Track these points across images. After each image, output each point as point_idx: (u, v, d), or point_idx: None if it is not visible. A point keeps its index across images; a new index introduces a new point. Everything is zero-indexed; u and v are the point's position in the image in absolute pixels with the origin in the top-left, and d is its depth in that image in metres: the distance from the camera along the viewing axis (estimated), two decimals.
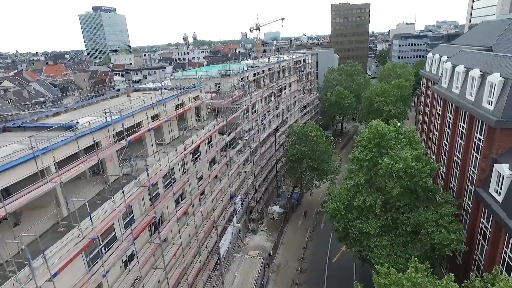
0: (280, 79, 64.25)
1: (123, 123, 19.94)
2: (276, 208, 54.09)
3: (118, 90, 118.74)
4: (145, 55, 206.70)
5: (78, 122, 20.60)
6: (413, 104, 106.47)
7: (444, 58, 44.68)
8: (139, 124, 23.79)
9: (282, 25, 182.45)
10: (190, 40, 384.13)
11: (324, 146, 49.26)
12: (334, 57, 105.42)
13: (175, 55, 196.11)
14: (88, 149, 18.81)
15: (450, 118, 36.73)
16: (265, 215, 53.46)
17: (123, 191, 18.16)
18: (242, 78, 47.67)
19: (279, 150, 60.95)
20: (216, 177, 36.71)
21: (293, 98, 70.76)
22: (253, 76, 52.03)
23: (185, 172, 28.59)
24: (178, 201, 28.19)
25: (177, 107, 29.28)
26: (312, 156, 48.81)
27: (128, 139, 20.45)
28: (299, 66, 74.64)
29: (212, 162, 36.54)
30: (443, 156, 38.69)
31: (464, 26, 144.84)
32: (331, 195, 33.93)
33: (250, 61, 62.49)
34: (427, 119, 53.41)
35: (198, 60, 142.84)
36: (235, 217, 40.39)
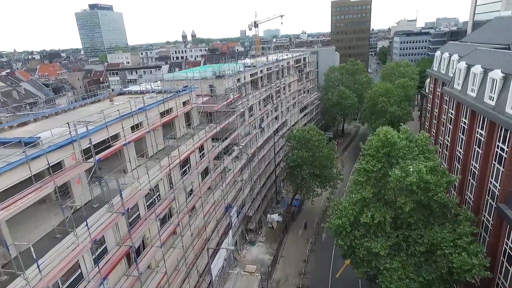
0: (279, 79, 61.04)
1: (90, 139, 16.76)
2: (276, 217, 51.01)
3: (112, 90, 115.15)
4: (142, 54, 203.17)
5: (39, 137, 17.45)
6: (415, 103, 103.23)
7: (455, 57, 41.46)
8: (116, 137, 20.64)
9: (281, 22, 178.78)
10: (189, 38, 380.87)
11: (326, 152, 46.08)
12: (335, 55, 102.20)
13: (172, 53, 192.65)
14: (53, 168, 15.65)
15: (465, 123, 33.56)
16: (263, 224, 50.38)
17: (87, 224, 15.01)
18: (238, 79, 44.51)
19: (278, 154, 57.88)
20: (209, 188, 33.62)
21: (293, 99, 67.58)
22: (250, 77, 48.83)
23: (171, 187, 25.45)
24: (164, 220, 25.10)
25: (163, 114, 26.12)
26: (313, 163, 45.65)
27: (98, 157, 17.28)
28: (299, 65, 71.39)
29: (205, 173, 33.42)
30: (457, 165, 35.56)
31: (468, 23, 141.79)
32: (335, 208, 30.82)
33: (248, 61, 59.31)
34: (435, 121, 50.28)
35: (195, 59, 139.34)
36: (230, 231, 37.29)
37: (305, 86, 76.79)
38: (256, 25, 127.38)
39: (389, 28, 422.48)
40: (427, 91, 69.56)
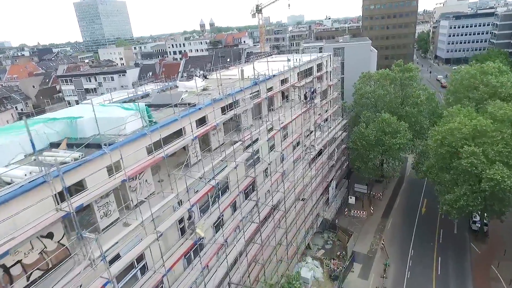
0: (264, 118, 29.39)
1: None
2: None
3: (68, 102, 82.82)
4: (135, 48, 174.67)
5: None
6: None
7: None
8: None
9: (288, 5, 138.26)
10: (207, 27, 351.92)
11: None
12: (371, 53, 67.52)
13: (169, 47, 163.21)
14: None
15: None
16: None
17: None
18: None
19: None
20: None
21: (294, 149, 35.49)
22: (152, 158, 17.47)
23: None
24: None
25: None
26: None
27: None
28: (307, 84, 38.70)
29: None
30: None
31: None
32: None
33: (196, 83, 27.79)
34: None
35: (173, 59, 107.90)
36: None
37: (320, 116, 43.81)
38: (259, 10, 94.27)
39: (424, 9, 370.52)
40: None
